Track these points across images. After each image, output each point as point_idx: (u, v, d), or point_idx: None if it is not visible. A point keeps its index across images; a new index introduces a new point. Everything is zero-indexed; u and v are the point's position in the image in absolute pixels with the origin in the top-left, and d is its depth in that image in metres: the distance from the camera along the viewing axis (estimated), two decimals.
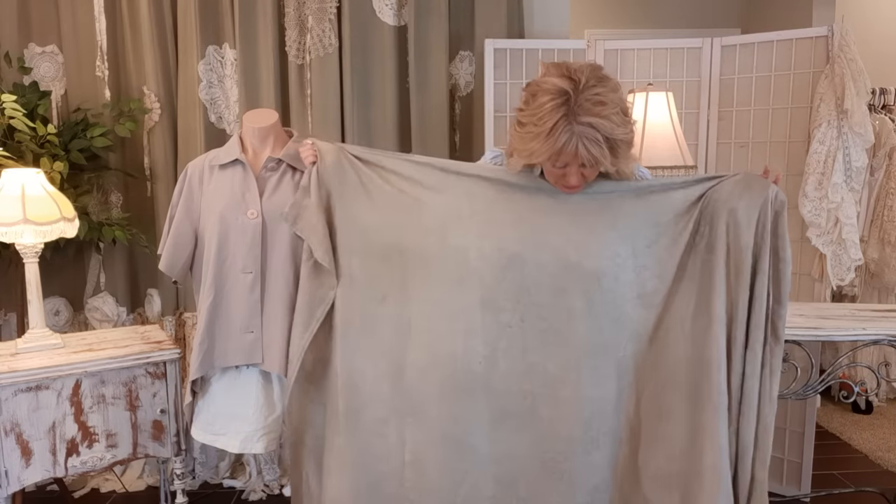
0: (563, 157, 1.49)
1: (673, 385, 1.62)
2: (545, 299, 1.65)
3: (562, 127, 1.45)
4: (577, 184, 1.57)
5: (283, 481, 2.93)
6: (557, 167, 1.55)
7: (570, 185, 1.58)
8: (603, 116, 1.45)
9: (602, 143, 1.46)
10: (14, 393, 1.98)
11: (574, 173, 1.54)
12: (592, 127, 1.45)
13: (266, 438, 1.99)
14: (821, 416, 3.61)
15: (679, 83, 2.82)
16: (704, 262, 1.61)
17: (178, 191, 2.04)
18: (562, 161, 1.51)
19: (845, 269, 2.57)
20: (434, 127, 2.88)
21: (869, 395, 3.67)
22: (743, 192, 1.60)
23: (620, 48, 2.85)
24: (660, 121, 2.40)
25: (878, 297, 3.75)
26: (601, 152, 1.47)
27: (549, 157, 1.50)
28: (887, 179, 3.66)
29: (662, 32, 4.15)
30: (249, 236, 1.89)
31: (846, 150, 2.52)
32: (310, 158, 1.76)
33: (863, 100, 2.52)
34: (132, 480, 2.92)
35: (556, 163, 1.53)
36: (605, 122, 1.45)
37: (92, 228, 2.68)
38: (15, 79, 2.78)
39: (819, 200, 2.53)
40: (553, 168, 1.56)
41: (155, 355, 2.17)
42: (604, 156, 1.47)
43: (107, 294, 2.98)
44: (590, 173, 1.56)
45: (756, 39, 2.76)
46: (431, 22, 2.84)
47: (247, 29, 2.80)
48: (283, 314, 1.89)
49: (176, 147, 2.92)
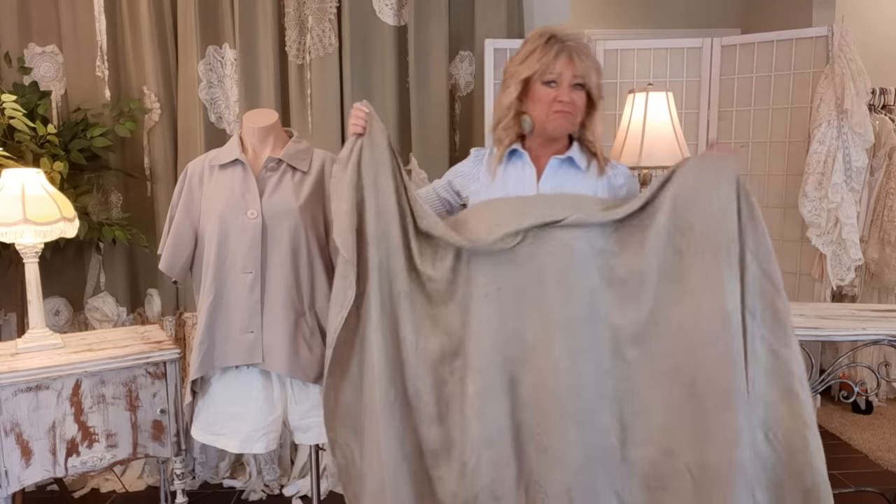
0: (558, 66, 1.63)
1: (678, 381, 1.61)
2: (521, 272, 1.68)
3: (554, 42, 1.64)
4: (568, 101, 1.65)
5: (283, 481, 2.94)
6: (550, 83, 1.65)
7: (563, 108, 1.66)
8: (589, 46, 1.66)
9: (591, 57, 1.64)
10: (14, 393, 1.98)
11: (566, 92, 1.64)
12: (581, 44, 1.64)
13: (266, 438, 1.99)
14: (821, 416, 3.61)
15: (679, 83, 2.82)
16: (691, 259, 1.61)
17: (178, 191, 2.03)
18: (556, 71, 1.63)
19: (845, 269, 2.57)
20: (434, 127, 2.88)
21: (869, 395, 3.67)
22: (710, 183, 1.60)
23: (620, 48, 2.85)
24: (660, 121, 2.40)
25: (878, 297, 3.75)
26: (591, 65, 1.64)
27: (543, 67, 1.63)
28: (887, 179, 3.66)
29: (662, 32, 4.15)
30: (249, 236, 1.89)
31: (846, 150, 2.52)
32: (357, 129, 1.71)
33: (863, 100, 2.52)
34: (132, 480, 2.92)
35: (550, 73, 1.64)
36: (589, 48, 1.65)
37: (92, 228, 2.68)
38: (15, 79, 2.78)
39: (819, 200, 2.53)
40: (545, 87, 1.66)
41: (155, 355, 2.17)
42: (592, 71, 1.64)
43: (107, 294, 2.98)
44: (579, 99, 1.67)
45: (756, 39, 2.76)
46: (431, 22, 2.84)
47: (247, 29, 2.80)
48: (283, 314, 1.89)
49: (176, 147, 2.92)
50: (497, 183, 1.78)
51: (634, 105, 2.44)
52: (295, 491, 2.86)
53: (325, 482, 2.86)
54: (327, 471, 2.89)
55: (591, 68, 1.66)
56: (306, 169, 1.97)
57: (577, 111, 1.69)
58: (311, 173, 1.97)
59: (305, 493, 2.84)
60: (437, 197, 1.92)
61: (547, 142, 1.76)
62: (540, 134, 1.74)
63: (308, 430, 2.02)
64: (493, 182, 1.78)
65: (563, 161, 1.76)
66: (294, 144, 2.00)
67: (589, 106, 1.71)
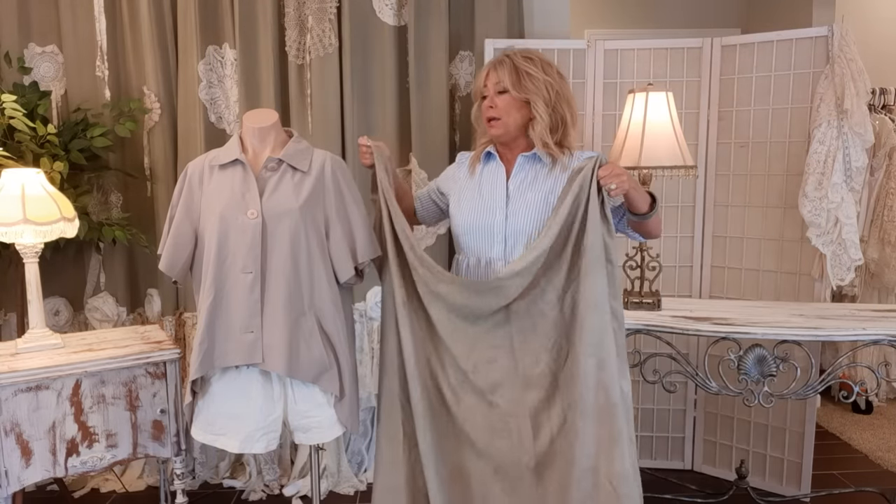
0: (482, 80, 1.90)
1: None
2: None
3: (491, 60, 1.92)
4: (490, 105, 1.87)
5: (283, 481, 2.94)
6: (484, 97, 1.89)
7: (490, 114, 1.87)
8: (521, 57, 1.86)
9: (512, 63, 1.84)
10: (14, 393, 1.98)
11: (490, 99, 1.87)
12: (503, 56, 1.88)
13: (266, 438, 1.99)
14: (821, 416, 3.61)
15: (679, 83, 2.82)
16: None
17: (178, 191, 2.03)
18: (481, 85, 1.90)
19: (845, 269, 2.57)
20: (434, 127, 2.88)
21: (869, 395, 3.67)
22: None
23: (620, 48, 2.85)
24: (660, 121, 2.39)
25: (878, 297, 3.75)
26: (507, 71, 1.84)
27: (478, 87, 1.92)
28: (887, 179, 3.66)
29: (662, 32, 4.15)
30: (249, 236, 1.88)
31: (846, 150, 2.52)
32: (366, 162, 1.97)
33: (863, 100, 2.52)
34: (132, 480, 2.92)
35: (482, 90, 1.89)
36: (517, 58, 1.85)
37: (92, 228, 2.68)
38: (15, 79, 2.78)
39: (819, 200, 2.53)
40: (483, 101, 1.90)
41: (155, 355, 2.17)
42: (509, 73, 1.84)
43: (107, 294, 2.98)
44: (500, 102, 1.86)
45: (756, 39, 2.76)
46: (431, 22, 2.84)
47: (247, 29, 2.81)
48: (283, 314, 1.89)
49: (176, 147, 2.92)
50: (473, 181, 1.99)
51: (634, 105, 2.44)
52: (295, 491, 2.86)
53: (325, 482, 2.87)
54: (327, 471, 2.89)
55: (512, 72, 1.84)
56: (306, 169, 1.97)
57: (502, 113, 1.86)
58: (311, 173, 1.97)
59: (305, 493, 2.84)
60: (429, 199, 2.14)
61: (507, 145, 1.95)
62: (496, 141, 1.94)
63: (308, 430, 2.02)
64: (470, 180, 1.99)
65: (528, 158, 1.92)
66: (294, 144, 2.00)
67: (524, 105, 1.86)
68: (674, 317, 2.29)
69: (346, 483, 2.89)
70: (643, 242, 2.36)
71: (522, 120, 1.88)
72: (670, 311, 2.38)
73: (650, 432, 3.04)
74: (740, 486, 2.62)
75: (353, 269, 1.98)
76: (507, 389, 1.78)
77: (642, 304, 2.41)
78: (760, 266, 2.81)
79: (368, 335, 2.96)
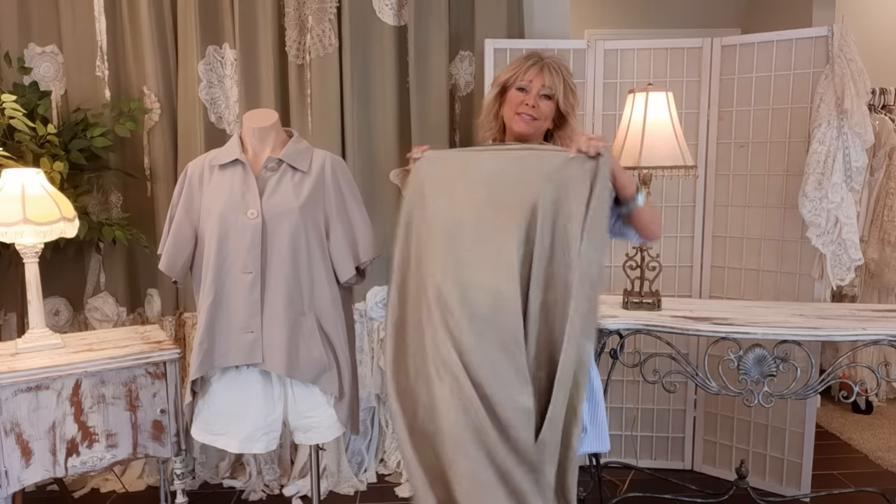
0: (529, 74, 1.82)
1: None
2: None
3: (533, 57, 1.85)
4: (532, 105, 1.80)
5: (283, 481, 2.94)
6: (521, 89, 1.82)
7: (526, 111, 1.81)
8: (565, 67, 1.85)
9: (562, 74, 1.82)
10: (14, 393, 1.98)
11: (532, 97, 1.81)
12: (558, 62, 1.84)
13: (266, 438, 1.99)
14: (821, 416, 3.61)
15: (679, 83, 2.82)
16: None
17: (178, 191, 2.03)
18: (527, 79, 1.81)
19: (845, 269, 2.57)
20: (434, 127, 2.89)
21: (869, 395, 3.67)
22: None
23: (620, 48, 2.85)
24: (660, 121, 2.39)
25: (878, 297, 3.75)
26: (560, 81, 1.81)
27: (518, 72, 1.82)
28: (887, 179, 3.66)
29: (662, 32, 4.15)
30: (249, 236, 1.89)
31: (846, 150, 2.52)
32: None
33: (863, 100, 2.52)
34: (132, 480, 2.92)
35: (522, 80, 1.82)
36: (566, 70, 1.84)
37: (92, 228, 2.68)
38: (15, 79, 2.78)
39: (819, 200, 2.53)
40: (517, 92, 1.82)
41: (155, 355, 2.17)
42: (562, 86, 1.82)
43: (107, 294, 2.98)
44: (545, 107, 1.82)
45: (756, 39, 2.76)
46: (431, 22, 2.84)
47: (247, 29, 2.81)
48: (282, 314, 1.89)
49: (176, 147, 2.92)
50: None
51: (634, 105, 2.44)
52: (295, 491, 2.86)
53: (325, 482, 2.87)
54: (327, 471, 2.89)
55: (562, 84, 1.82)
56: (306, 169, 1.97)
57: (542, 117, 1.83)
58: (311, 173, 1.97)
59: (305, 493, 2.84)
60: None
61: (519, 142, 1.89)
62: (510, 134, 1.88)
63: (308, 430, 2.02)
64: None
65: None
66: (294, 144, 2.01)
67: (560, 119, 1.86)
68: (674, 317, 2.29)
69: (346, 483, 2.89)
70: (643, 243, 2.36)
71: (547, 127, 1.89)
72: (670, 311, 2.38)
73: (650, 432, 3.04)
74: (740, 486, 2.62)
75: (355, 268, 1.98)
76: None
77: (642, 304, 2.41)
78: (760, 266, 2.81)
79: (368, 335, 2.96)
